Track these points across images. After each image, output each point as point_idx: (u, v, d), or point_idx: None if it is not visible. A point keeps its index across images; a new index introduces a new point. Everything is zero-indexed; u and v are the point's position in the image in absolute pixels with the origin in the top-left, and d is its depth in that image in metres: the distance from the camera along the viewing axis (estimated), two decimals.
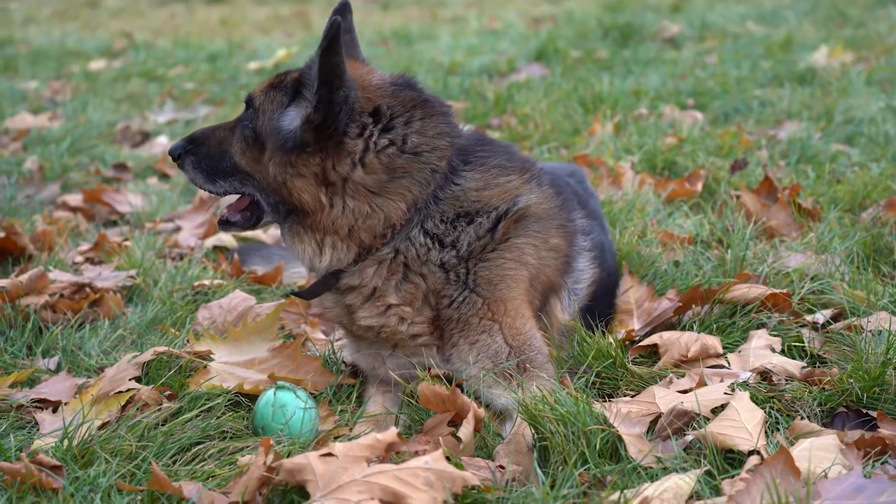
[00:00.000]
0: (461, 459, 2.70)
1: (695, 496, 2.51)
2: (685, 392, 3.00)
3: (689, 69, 9.21)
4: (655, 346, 3.45)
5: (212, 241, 5.16)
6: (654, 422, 2.89)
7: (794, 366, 3.21)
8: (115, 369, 3.31)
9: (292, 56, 11.15)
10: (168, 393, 3.22)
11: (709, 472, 2.61)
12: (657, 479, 2.55)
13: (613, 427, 2.77)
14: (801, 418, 2.90)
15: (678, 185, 5.43)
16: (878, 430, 2.79)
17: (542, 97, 7.99)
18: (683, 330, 3.56)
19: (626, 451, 2.71)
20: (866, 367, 3.01)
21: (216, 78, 10.72)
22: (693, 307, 3.66)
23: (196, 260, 4.86)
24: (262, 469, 2.53)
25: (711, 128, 6.97)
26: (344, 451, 2.49)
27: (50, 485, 2.62)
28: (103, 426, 3.02)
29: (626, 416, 2.84)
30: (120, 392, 3.16)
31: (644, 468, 2.66)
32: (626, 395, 3.18)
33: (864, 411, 2.92)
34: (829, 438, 2.67)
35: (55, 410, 3.21)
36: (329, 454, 2.48)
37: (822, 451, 2.59)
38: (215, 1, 18.77)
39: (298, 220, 3.22)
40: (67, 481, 2.65)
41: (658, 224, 4.86)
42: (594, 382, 3.24)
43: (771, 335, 3.43)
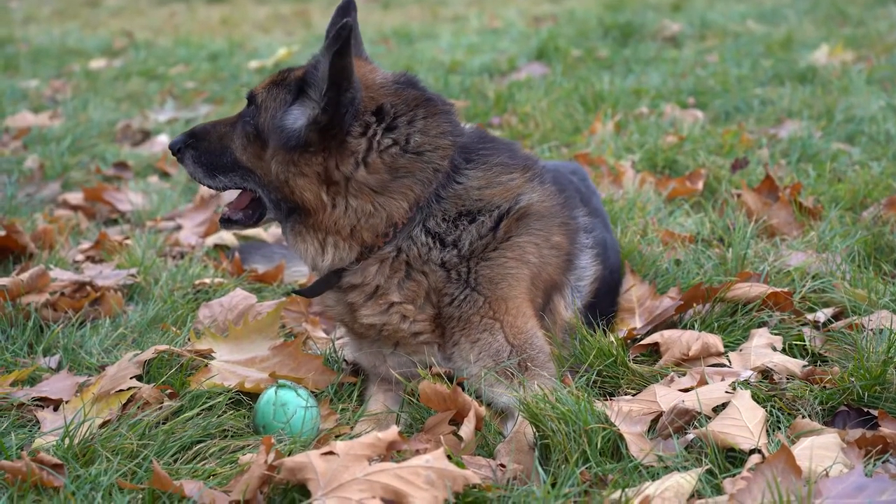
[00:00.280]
0: (462, 458, 2.70)
1: (696, 495, 2.51)
2: (686, 391, 3.00)
3: (690, 68, 9.20)
4: (657, 344, 3.45)
5: (213, 239, 5.16)
6: (656, 420, 2.89)
7: (796, 364, 3.21)
8: (116, 368, 3.31)
9: (293, 55, 11.15)
10: (169, 391, 3.21)
11: (710, 471, 2.61)
12: (658, 478, 2.55)
13: (615, 426, 2.77)
14: (803, 417, 2.90)
15: (679, 183, 5.43)
16: (880, 428, 2.79)
17: (542, 96, 7.98)
18: (685, 328, 3.56)
19: (627, 449, 2.71)
20: (867, 366, 3.01)
21: (217, 77, 10.72)
22: (694, 306, 3.66)
23: (197, 258, 4.86)
24: (264, 468, 2.53)
25: (712, 126, 6.96)
26: (345, 449, 2.49)
27: (51, 483, 2.62)
28: (104, 425, 3.02)
29: (627, 415, 2.83)
30: (121, 390, 3.15)
31: (645, 467, 2.66)
32: (627, 394, 3.18)
33: (866, 410, 2.92)
34: (831, 437, 2.67)
35: (56, 409, 3.20)
36: (330, 453, 2.48)
37: (823, 450, 2.59)
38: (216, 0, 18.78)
39: (300, 219, 3.21)
40: (68, 480, 2.65)
41: (659, 223, 4.86)
42: (595, 381, 3.25)
43: (772, 334, 3.43)
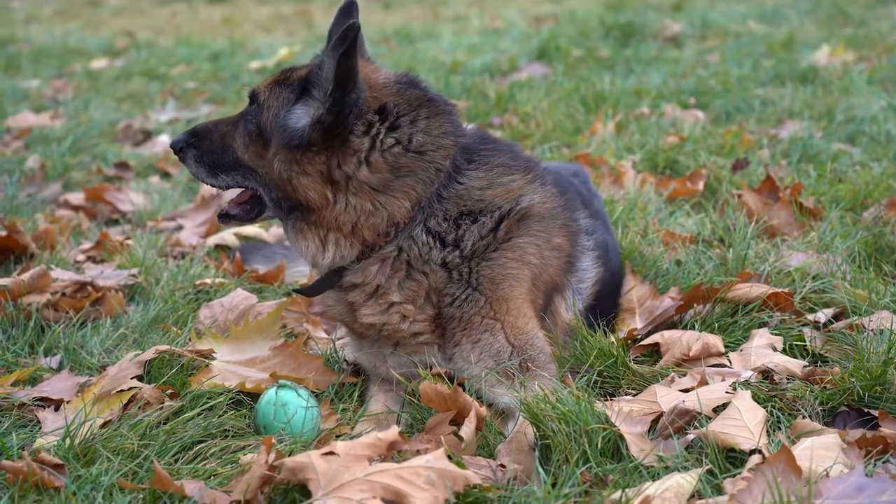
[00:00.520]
0: (463, 458, 2.70)
1: (696, 495, 2.51)
2: (687, 391, 3.00)
3: (691, 68, 9.20)
4: (657, 344, 3.45)
5: (214, 239, 5.17)
6: (656, 421, 2.89)
7: (796, 365, 3.21)
8: (117, 368, 3.31)
9: (294, 55, 11.16)
10: (170, 391, 3.22)
11: (710, 471, 2.61)
12: (659, 478, 2.55)
13: (615, 426, 2.77)
14: (803, 417, 2.90)
15: (680, 184, 5.43)
16: (880, 429, 2.79)
17: (543, 96, 7.98)
18: (685, 329, 3.56)
19: (627, 449, 2.71)
20: (868, 367, 3.01)
21: (218, 77, 10.72)
22: (695, 306, 3.66)
23: (198, 258, 4.86)
24: (264, 468, 2.53)
25: (713, 127, 6.96)
26: (345, 449, 2.49)
27: (52, 483, 2.62)
28: (105, 425, 3.02)
29: (627, 415, 2.83)
30: (122, 391, 3.16)
31: (646, 467, 2.66)
32: (627, 394, 3.18)
33: (866, 410, 2.92)
34: (831, 437, 2.67)
35: (57, 409, 3.21)
36: (331, 453, 2.48)
37: (823, 450, 2.59)
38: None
39: (302, 216, 3.22)
40: (69, 480, 2.65)
41: (660, 223, 4.85)
42: (596, 381, 3.25)
43: (772, 334, 3.43)
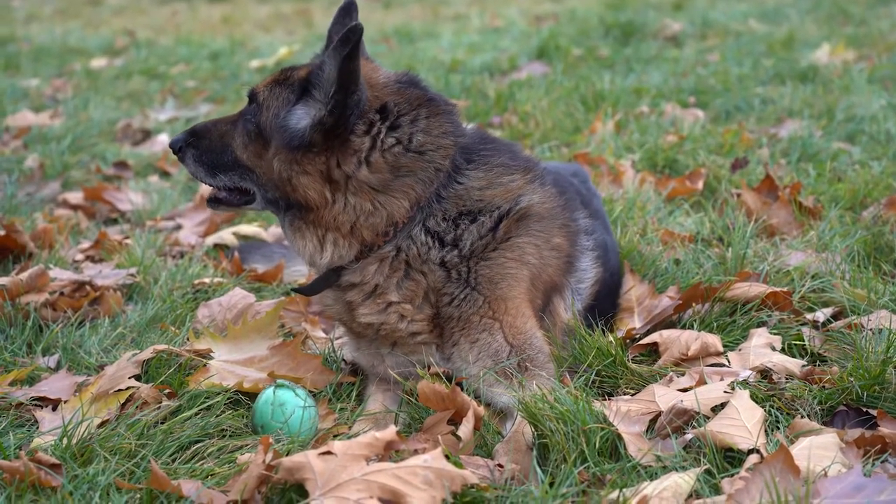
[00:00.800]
0: (460, 458, 2.69)
1: (694, 495, 2.50)
2: (685, 390, 3.00)
3: (691, 67, 9.20)
4: (655, 344, 3.44)
5: (212, 239, 5.16)
6: (654, 420, 2.89)
7: (795, 364, 3.20)
8: (115, 367, 3.30)
9: (294, 54, 11.15)
10: (167, 391, 3.21)
11: (708, 471, 2.61)
12: (657, 478, 2.54)
13: (613, 425, 2.76)
14: (802, 417, 2.89)
15: (679, 183, 5.42)
16: (879, 428, 2.78)
17: (543, 95, 7.98)
18: (684, 328, 3.55)
19: (625, 449, 2.70)
20: (866, 366, 3.00)
21: (217, 76, 10.72)
22: (693, 305, 3.66)
23: (196, 258, 4.86)
24: (261, 467, 2.52)
25: (713, 126, 6.96)
26: (343, 449, 2.48)
27: (49, 483, 2.62)
28: (103, 424, 3.01)
29: (625, 415, 2.83)
30: (119, 390, 3.15)
31: (643, 467, 2.65)
32: (625, 394, 3.17)
33: (865, 410, 2.91)
34: (829, 437, 2.66)
35: (55, 408, 3.20)
36: (328, 452, 2.47)
37: (821, 450, 2.59)
38: None
39: (300, 214, 3.21)
40: (66, 479, 2.65)
41: (659, 222, 4.85)
42: (594, 381, 3.24)
43: (771, 333, 3.43)
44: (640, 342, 3.49)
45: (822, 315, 3.59)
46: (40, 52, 12.37)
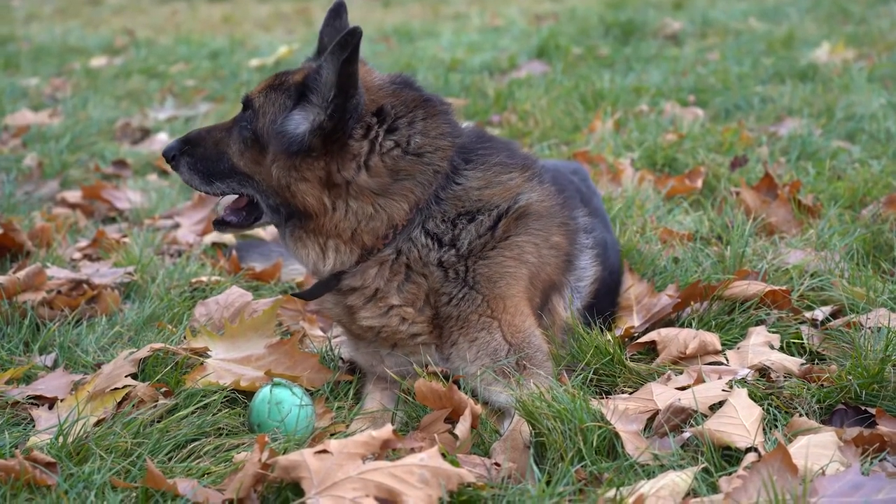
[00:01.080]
0: (457, 456, 2.68)
1: (692, 493, 2.49)
2: (683, 389, 2.99)
3: (691, 66, 9.19)
4: (654, 342, 3.44)
5: (210, 237, 5.15)
6: (652, 419, 2.88)
7: (793, 363, 3.20)
8: (112, 366, 3.29)
9: (294, 53, 11.14)
10: (164, 390, 3.20)
11: (706, 470, 2.60)
12: (654, 477, 2.53)
13: (610, 424, 2.75)
14: (800, 415, 2.88)
15: (678, 181, 5.42)
16: (877, 427, 2.78)
17: (542, 94, 7.97)
18: (682, 326, 3.54)
19: (622, 448, 2.70)
20: (865, 364, 3.00)
21: (217, 75, 10.71)
22: (692, 303, 3.65)
23: (194, 256, 4.85)
24: (258, 466, 2.51)
25: (712, 124, 6.95)
26: (339, 448, 2.48)
27: (44, 482, 2.61)
28: (99, 423, 3.00)
29: (623, 413, 2.82)
30: (116, 389, 3.14)
31: (641, 465, 2.64)
32: (623, 392, 3.16)
33: (863, 408, 2.91)
34: (827, 435, 2.66)
35: (51, 407, 3.19)
36: (324, 451, 2.47)
37: (819, 448, 2.58)
38: None
39: (301, 223, 3.19)
40: (61, 478, 2.64)
41: (658, 221, 4.84)
42: (592, 379, 3.23)
43: (770, 332, 3.42)
44: (639, 340, 3.48)
45: (820, 313, 3.58)
46: (40, 52, 12.36)
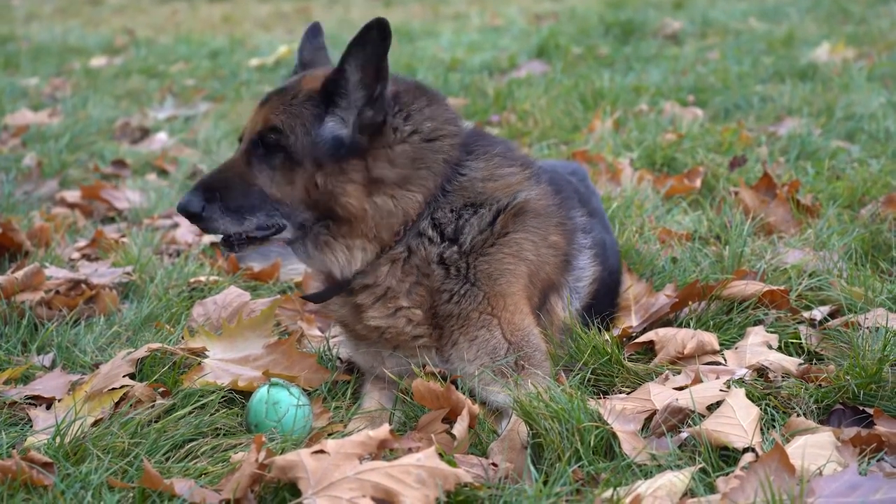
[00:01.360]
0: (454, 456, 2.68)
1: (689, 494, 2.49)
2: (681, 389, 2.99)
3: (691, 65, 9.19)
4: (652, 342, 3.43)
5: (209, 237, 5.14)
6: (649, 419, 2.88)
7: (791, 363, 3.19)
8: (110, 366, 3.29)
9: (294, 52, 11.12)
10: (162, 390, 3.20)
11: (703, 470, 2.59)
12: (651, 477, 2.53)
13: (608, 424, 2.75)
14: (798, 415, 2.88)
15: (677, 181, 5.41)
16: (875, 427, 2.78)
17: (542, 93, 7.97)
18: (680, 326, 3.54)
19: (620, 448, 2.69)
20: (863, 364, 2.99)
21: (217, 74, 10.72)
22: (690, 303, 3.64)
23: (193, 256, 4.84)
24: (254, 466, 2.51)
25: (711, 124, 6.95)
26: (336, 448, 2.47)
27: (41, 482, 2.60)
28: (96, 423, 3.00)
29: (620, 413, 2.82)
30: (113, 389, 3.14)
31: (638, 465, 2.63)
32: (621, 392, 3.16)
33: (861, 408, 2.91)
34: (825, 436, 2.65)
35: (49, 407, 3.19)
36: (321, 451, 2.46)
37: (817, 449, 2.57)
38: None
39: (327, 229, 3.11)
40: (58, 478, 2.64)
41: (656, 220, 4.84)
42: (590, 379, 3.23)
43: (768, 332, 3.42)
44: (637, 340, 3.48)
45: (819, 313, 3.58)
46: (40, 51, 12.36)
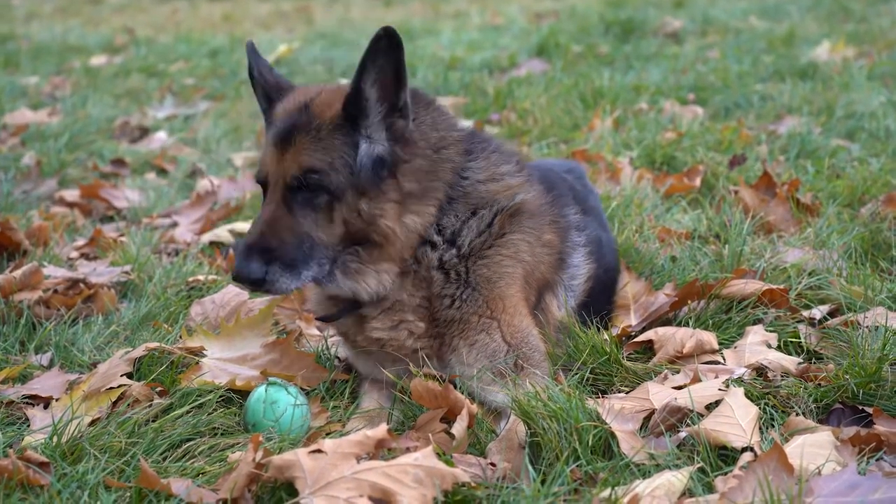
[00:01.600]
0: (452, 456, 2.67)
1: (687, 493, 2.48)
2: (679, 388, 2.98)
3: (691, 64, 9.17)
4: (651, 341, 3.42)
5: (208, 236, 5.14)
6: (648, 418, 2.87)
7: (790, 362, 3.19)
8: (107, 365, 3.28)
9: (294, 52, 11.13)
10: (159, 389, 3.19)
11: (702, 469, 2.59)
12: (649, 476, 2.52)
13: (606, 423, 2.74)
14: (797, 415, 2.88)
15: (677, 180, 5.40)
16: (874, 426, 2.77)
17: (542, 92, 7.96)
18: (679, 325, 3.53)
19: (618, 447, 2.68)
20: (862, 363, 2.99)
21: (217, 73, 10.71)
22: (689, 302, 3.64)
23: (192, 255, 4.84)
24: (251, 466, 2.50)
25: (711, 123, 6.94)
26: (333, 447, 2.47)
27: (37, 481, 2.60)
28: (93, 422, 2.99)
29: (619, 413, 2.81)
30: (111, 388, 3.13)
31: (636, 465, 2.63)
32: (620, 392, 3.15)
33: (860, 408, 2.90)
34: (824, 435, 2.64)
35: (46, 406, 3.18)
36: (318, 451, 2.45)
37: (816, 448, 2.57)
38: None
39: (357, 256, 3.04)
40: (55, 478, 2.63)
41: (656, 219, 4.83)
42: (588, 379, 3.22)
43: (767, 331, 3.41)
44: (636, 339, 3.47)
45: (818, 312, 3.57)
46: (40, 50, 12.36)
